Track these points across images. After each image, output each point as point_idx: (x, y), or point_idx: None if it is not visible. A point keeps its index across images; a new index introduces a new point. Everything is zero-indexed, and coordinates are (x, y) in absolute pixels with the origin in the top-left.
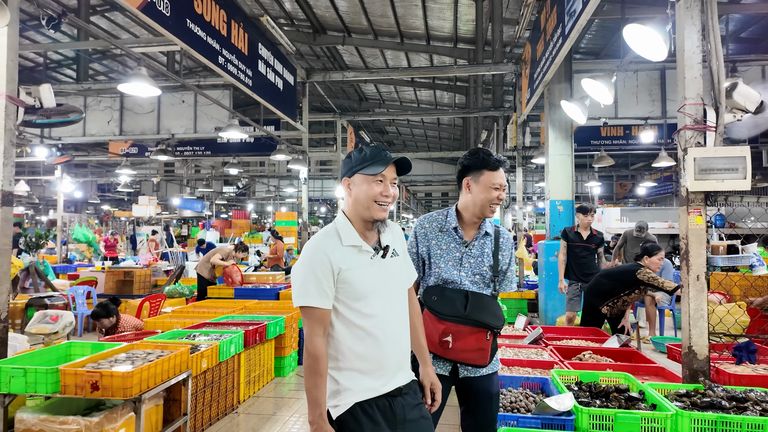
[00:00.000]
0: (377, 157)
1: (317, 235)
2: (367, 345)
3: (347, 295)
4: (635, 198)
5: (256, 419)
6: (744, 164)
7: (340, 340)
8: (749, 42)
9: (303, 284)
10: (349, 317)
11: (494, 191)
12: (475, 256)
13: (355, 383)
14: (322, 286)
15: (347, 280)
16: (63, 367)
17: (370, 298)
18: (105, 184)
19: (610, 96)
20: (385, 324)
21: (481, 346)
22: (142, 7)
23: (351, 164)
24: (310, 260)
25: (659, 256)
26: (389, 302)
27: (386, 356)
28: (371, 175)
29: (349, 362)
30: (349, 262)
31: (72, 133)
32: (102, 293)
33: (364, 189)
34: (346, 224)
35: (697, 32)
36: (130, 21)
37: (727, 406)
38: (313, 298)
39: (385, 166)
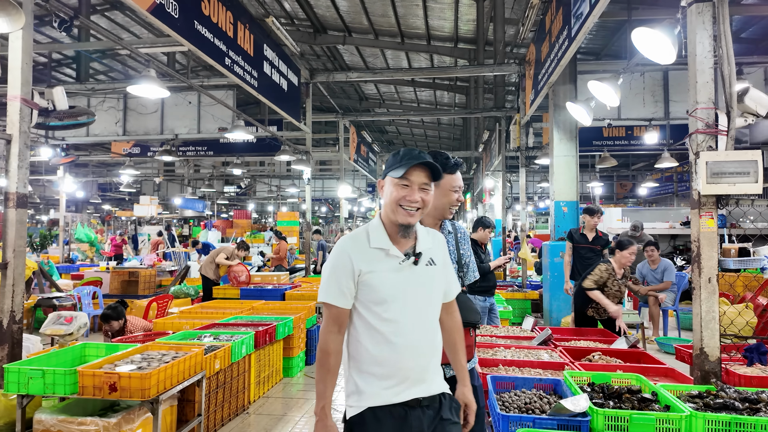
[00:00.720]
0: (405, 159)
1: (346, 237)
2: (383, 350)
3: (368, 297)
4: (635, 198)
5: (267, 419)
6: (755, 168)
7: (360, 341)
8: (749, 42)
9: (326, 282)
10: (369, 320)
11: (453, 194)
12: None
13: (371, 387)
14: (341, 286)
15: (368, 283)
16: (81, 368)
17: (392, 303)
18: (106, 183)
19: (616, 98)
20: (406, 331)
21: (468, 343)
22: (152, 9)
23: (385, 167)
24: (334, 260)
25: (630, 251)
26: (414, 310)
27: (403, 364)
28: (396, 178)
29: (366, 365)
30: (373, 265)
31: (76, 134)
32: (107, 293)
33: (389, 192)
34: (379, 227)
35: (709, 37)
36: (130, 20)
37: (740, 407)
38: (332, 296)
39: (406, 168)
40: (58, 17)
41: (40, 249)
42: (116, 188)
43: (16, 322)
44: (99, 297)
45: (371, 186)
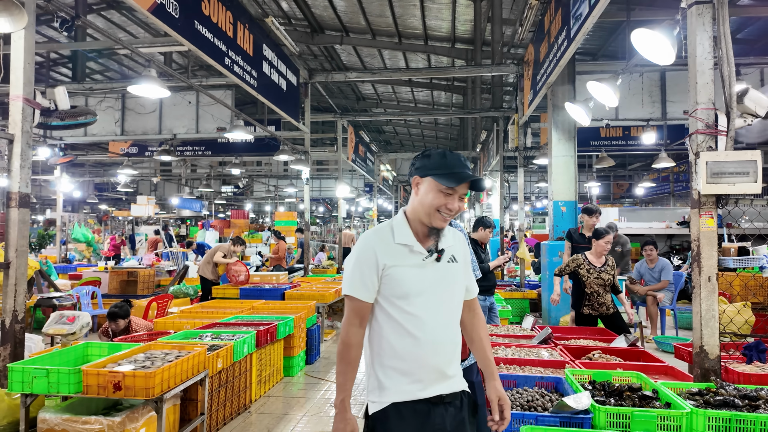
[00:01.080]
0: (456, 169)
1: (370, 231)
2: (405, 344)
3: (391, 291)
4: (632, 198)
5: (269, 418)
6: (755, 168)
7: (382, 335)
8: (745, 43)
9: (350, 275)
10: (392, 314)
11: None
12: None
13: (394, 383)
14: (365, 279)
15: (392, 277)
16: (86, 367)
17: (414, 298)
18: (103, 183)
19: (615, 98)
20: (428, 327)
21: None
22: (152, 9)
23: (427, 165)
24: (358, 254)
25: (606, 240)
26: (436, 306)
27: (425, 360)
28: (444, 185)
29: (389, 359)
30: (397, 259)
31: (74, 133)
32: (106, 293)
33: (430, 196)
34: (403, 223)
35: (709, 39)
36: (127, 20)
37: (740, 404)
38: (356, 289)
39: (460, 183)
40: (60, 17)
41: (38, 249)
42: (113, 188)
43: (18, 322)
44: (98, 297)
45: (369, 186)
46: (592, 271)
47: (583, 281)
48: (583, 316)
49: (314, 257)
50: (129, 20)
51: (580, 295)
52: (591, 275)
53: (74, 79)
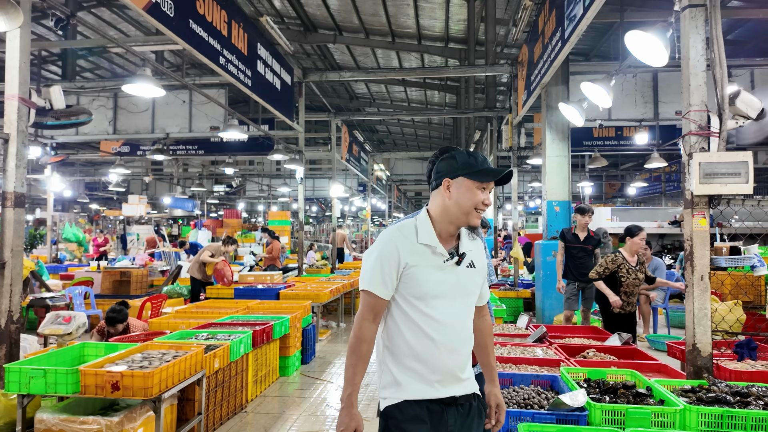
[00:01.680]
0: (485, 164)
1: (394, 227)
2: (423, 344)
3: (410, 291)
4: (624, 197)
5: (265, 418)
6: (746, 169)
7: (398, 333)
8: (736, 44)
9: (370, 269)
10: (410, 314)
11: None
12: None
13: (409, 381)
14: (385, 276)
15: (412, 276)
16: (83, 367)
17: (433, 300)
18: (93, 182)
19: (609, 99)
20: (445, 329)
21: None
22: (147, 7)
23: (456, 166)
24: (380, 250)
25: (641, 236)
26: (453, 310)
27: (441, 362)
28: (479, 182)
29: (404, 358)
30: (418, 259)
31: (65, 132)
32: (98, 294)
33: (468, 195)
34: (427, 223)
35: (702, 41)
36: (117, 18)
37: (732, 401)
38: (375, 285)
39: (497, 177)
40: (54, 16)
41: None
42: (104, 187)
43: (14, 322)
44: (91, 297)
45: (362, 185)
46: (631, 272)
47: (621, 281)
48: (612, 316)
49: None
50: (120, 18)
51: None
52: (630, 275)
53: (64, 78)
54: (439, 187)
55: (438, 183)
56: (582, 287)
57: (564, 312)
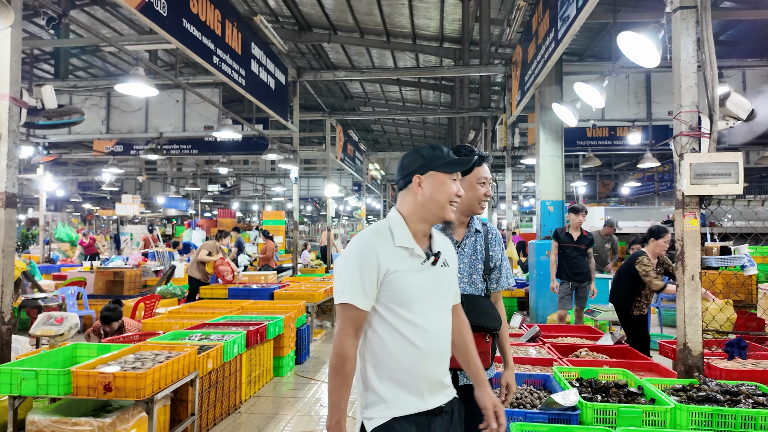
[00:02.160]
0: (453, 155)
1: (368, 231)
2: (410, 354)
3: (391, 299)
4: (618, 197)
5: (259, 418)
6: (737, 170)
7: (381, 345)
8: (728, 45)
9: (348, 280)
10: (393, 322)
11: (481, 187)
12: (468, 255)
13: (394, 396)
14: (365, 285)
15: (393, 283)
16: (75, 368)
17: (414, 305)
18: (86, 182)
19: (602, 99)
20: (429, 335)
21: (482, 350)
22: (140, 7)
23: (424, 161)
24: (358, 257)
25: (665, 239)
26: (434, 313)
27: (428, 370)
28: (450, 173)
29: (389, 371)
30: (398, 264)
31: (58, 132)
32: (92, 294)
33: (443, 188)
34: (401, 224)
35: (693, 43)
36: (111, 16)
37: (722, 399)
38: (355, 297)
39: (468, 165)
40: (46, 14)
41: (21, 249)
42: (97, 187)
43: (5, 323)
44: (84, 297)
45: (357, 185)
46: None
47: (644, 283)
48: (633, 318)
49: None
50: (113, 16)
51: (631, 296)
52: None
53: (57, 76)
54: (408, 186)
55: (407, 181)
56: (575, 287)
57: (558, 311)
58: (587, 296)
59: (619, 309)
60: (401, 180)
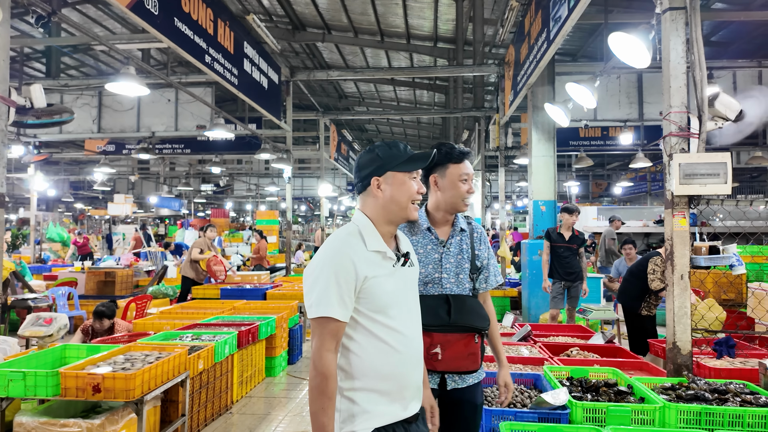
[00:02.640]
0: (409, 151)
1: (340, 236)
2: (392, 361)
3: (369, 306)
4: (610, 197)
5: (250, 419)
6: (725, 170)
7: (361, 356)
8: (719, 46)
9: (324, 291)
10: (373, 330)
11: (463, 184)
12: (454, 254)
13: (374, 406)
14: (343, 296)
15: (370, 290)
16: (64, 369)
17: (391, 310)
18: (78, 181)
19: (593, 100)
20: (409, 340)
21: (472, 351)
22: (131, 5)
23: (380, 161)
24: (333, 265)
25: None
26: (409, 315)
27: (409, 376)
28: (409, 171)
29: (369, 381)
30: (374, 269)
31: (49, 131)
32: (83, 294)
33: (403, 188)
34: (371, 227)
35: (682, 44)
36: (103, 14)
37: (710, 398)
38: (333, 309)
39: (426, 162)
40: (36, 13)
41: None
42: (89, 186)
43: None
44: (74, 298)
45: (351, 185)
46: None
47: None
48: (640, 317)
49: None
50: (105, 15)
51: (641, 296)
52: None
53: (48, 75)
54: (368, 189)
55: (365, 184)
56: (567, 286)
57: (550, 311)
58: (579, 295)
59: (626, 307)
60: (359, 183)
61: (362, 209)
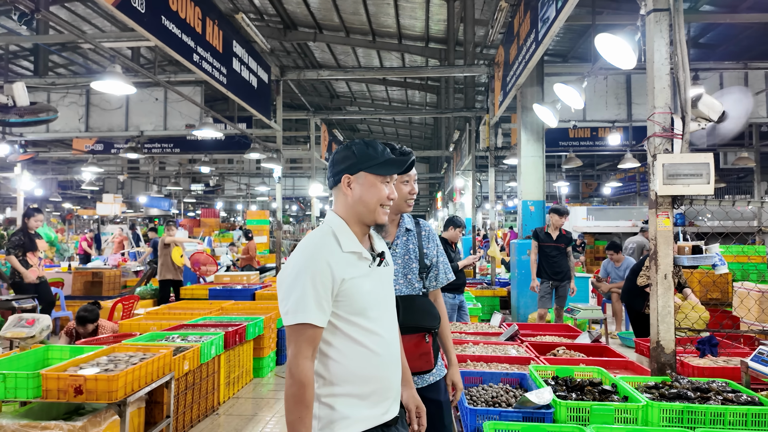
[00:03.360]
0: (386, 155)
1: (315, 239)
2: (372, 366)
3: (348, 309)
4: (600, 197)
5: (237, 420)
6: (707, 170)
7: (340, 361)
8: (707, 48)
9: (300, 296)
10: (351, 333)
11: (404, 186)
12: (401, 255)
13: (354, 410)
14: (321, 301)
15: (348, 292)
16: (45, 371)
17: (370, 312)
18: (67, 181)
19: (581, 101)
20: (387, 342)
21: (423, 351)
22: (117, 3)
23: (354, 159)
24: (308, 269)
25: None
26: (387, 316)
27: (389, 379)
28: (382, 175)
29: (349, 386)
30: (351, 271)
31: (35, 130)
32: (69, 295)
33: (373, 191)
34: (343, 226)
35: (666, 45)
36: (92, 12)
37: (692, 396)
38: (310, 314)
39: (400, 168)
40: (18, 9)
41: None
42: (78, 186)
43: None
44: (61, 298)
45: None
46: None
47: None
48: (644, 316)
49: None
50: (95, 12)
51: (641, 294)
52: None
53: (36, 73)
54: (338, 185)
55: (336, 180)
56: (555, 286)
57: (538, 310)
58: (567, 295)
59: (630, 306)
60: (331, 178)
61: (335, 209)
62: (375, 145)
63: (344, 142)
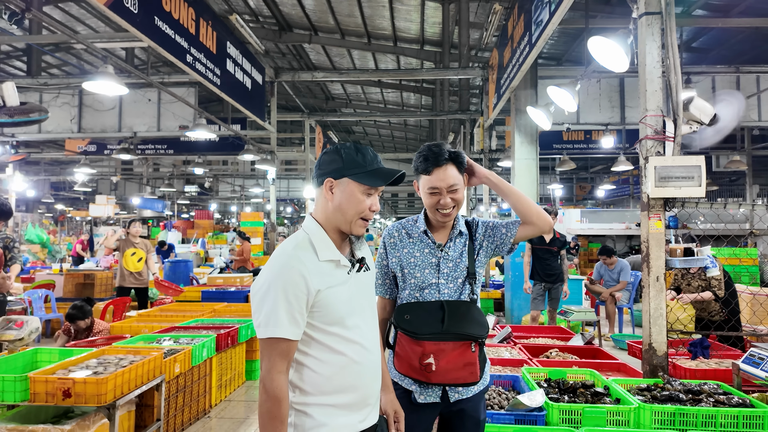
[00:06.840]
0: (375, 164)
1: (287, 248)
2: (350, 374)
3: (324, 319)
4: (594, 200)
5: (229, 423)
6: (699, 173)
7: (317, 370)
8: (700, 51)
9: (272, 310)
10: (328, 343)
11: (430, 197)
12: (452, 258)
13: (331, 418)
14: (294, 314)
15: (324, 302)
16: (33, 374)
17: (347, 320)
18: (59, 182)
19: (574, 103)
20: (366, 349)
21: (468, 361)
22: (110, 4)
23: (340, 164)
24: (281, 281)
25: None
26: (368, 323)
27: (368, 386)
28: (366, 185)
29: (325, 396)
30: (327, 280)
31: (27, 130)
32: (61, 297)
33: (353, 201)
34: (321, 233)
35: (658, 48)
36: (86, 12)
37: (684, 398)
38: (284, 328)
39: (387, 181)
40: (9, 9)
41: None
42: (70, 187)
43: None
44: (52, 300)
45: None
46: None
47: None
48: None
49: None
50: (88, 13)
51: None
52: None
53: (29, 74)
54: (320, 188)
55: (320, 182)
56: (548, 288)
57: (531, 312)
58: (560, 297)
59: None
60: (316, 178)
61: (314, 213)
62: (365, 152)
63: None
